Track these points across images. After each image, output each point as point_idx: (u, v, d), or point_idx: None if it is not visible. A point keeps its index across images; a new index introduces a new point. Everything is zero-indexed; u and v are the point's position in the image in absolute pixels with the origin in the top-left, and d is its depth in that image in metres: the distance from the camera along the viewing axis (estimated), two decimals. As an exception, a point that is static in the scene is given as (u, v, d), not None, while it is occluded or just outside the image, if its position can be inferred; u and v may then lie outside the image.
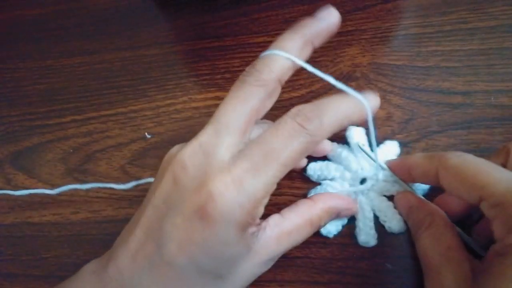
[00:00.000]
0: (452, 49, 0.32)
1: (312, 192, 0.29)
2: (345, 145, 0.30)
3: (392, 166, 0.28)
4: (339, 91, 0.25)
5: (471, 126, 0.30)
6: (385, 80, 0.32)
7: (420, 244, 0.24)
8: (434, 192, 0.28)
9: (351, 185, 0.29)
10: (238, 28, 0.37)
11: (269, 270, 0.29)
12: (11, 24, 0.43)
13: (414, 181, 0.27)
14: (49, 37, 0.41)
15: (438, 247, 0.23)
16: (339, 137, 0.30)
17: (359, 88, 0.32)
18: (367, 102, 0.25)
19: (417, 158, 0.26)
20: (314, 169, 0.30)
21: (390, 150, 0.29)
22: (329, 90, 0.33)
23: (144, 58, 0.38)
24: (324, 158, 0.30)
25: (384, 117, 0.31)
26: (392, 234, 0.28)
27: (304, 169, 0.30)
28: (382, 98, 0.32)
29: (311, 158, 0.30)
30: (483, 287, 0.19)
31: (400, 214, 0.28)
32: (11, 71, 0.40)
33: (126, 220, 0.32)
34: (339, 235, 0.28)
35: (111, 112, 0.36)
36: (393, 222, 0.27)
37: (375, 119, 0.29)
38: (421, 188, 0.28)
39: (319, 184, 0.30)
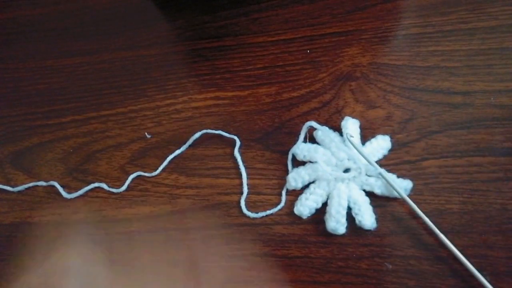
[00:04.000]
0: (452, 49, 0.32)
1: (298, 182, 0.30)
2: (337, 133, 0.31)
3: None
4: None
5: (471, 126, 0.30)
6: (385, 80, 0.32)
7: None
8: (417, 193, 0.28)
9: (333, 171, 0.29)
10: (238, 28, 0.37)
11: (269, 270, 0.29)
12: (11, 24, 0.43)
13: None
14: (49, 37, 0.41)
15: None
16: (337, 125, 0.31)
17: (359, 88, 0.33)
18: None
19: None
20: (302, 149, 0.30)
21: (381, 144, 0.30)
22: (329, 90, 0.33)
23: (144, 58, 0.38)
24: (314, 141, 0.31)
25: (384, 117, 0.31)
26: (366, 230, 0.28)
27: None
28: (382, 98, 0.32)
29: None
30: None
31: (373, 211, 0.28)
32: (11, 71, 0.40)
33: (125, 220, 0.32)
34: (339, 235, 0.28)
35: (111, 112, 0.36)
36: (365, 217, 0.28)
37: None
38: (403, 186, 0.28)
39: (303, 164, 0.31)
